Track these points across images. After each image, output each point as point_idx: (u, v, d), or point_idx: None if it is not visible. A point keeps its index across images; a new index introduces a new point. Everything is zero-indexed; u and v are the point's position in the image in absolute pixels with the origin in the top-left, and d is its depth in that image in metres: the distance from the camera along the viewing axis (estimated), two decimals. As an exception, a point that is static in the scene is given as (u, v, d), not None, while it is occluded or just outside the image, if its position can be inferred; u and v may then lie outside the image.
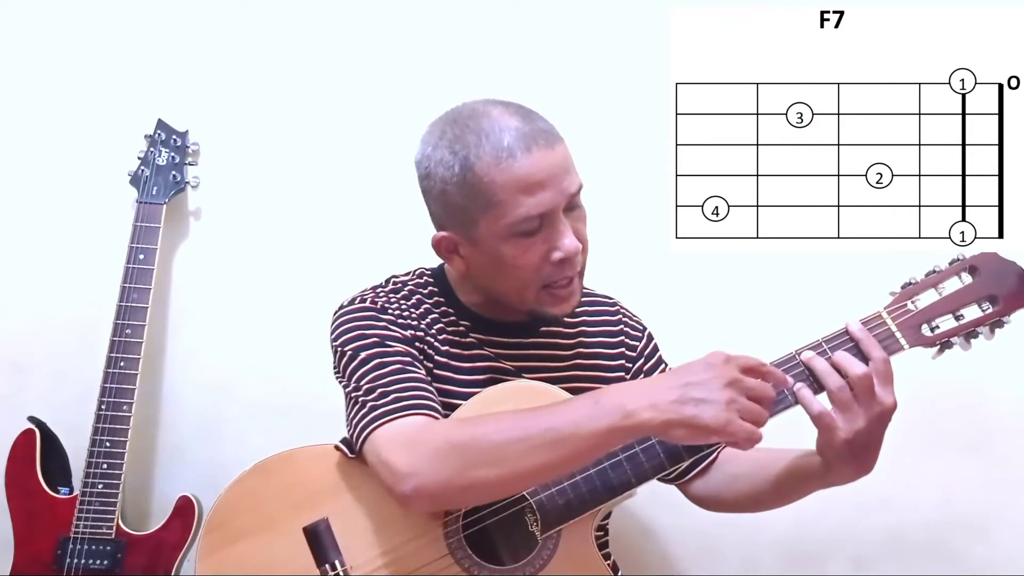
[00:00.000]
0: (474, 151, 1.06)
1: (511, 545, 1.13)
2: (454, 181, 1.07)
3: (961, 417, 1.55)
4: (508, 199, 1.05)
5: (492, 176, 1.05)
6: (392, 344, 1.13)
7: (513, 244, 1.08)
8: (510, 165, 1.04)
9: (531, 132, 1.06)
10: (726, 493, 1.24)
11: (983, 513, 1.56)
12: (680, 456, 1.10)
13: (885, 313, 1.09)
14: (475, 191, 1.06)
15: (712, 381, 0.94)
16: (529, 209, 1.05)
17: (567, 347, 1.24)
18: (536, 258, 1.09)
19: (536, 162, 1.05)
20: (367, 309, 1.16)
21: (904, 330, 1.08)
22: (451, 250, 1.15)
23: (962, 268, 1.09)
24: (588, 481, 1.10)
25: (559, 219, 1.08)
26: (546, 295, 1.12)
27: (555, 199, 1.06)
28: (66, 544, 1.55)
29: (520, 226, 1.07)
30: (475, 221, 1.08)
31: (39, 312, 1.71)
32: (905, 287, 1.10)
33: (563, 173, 1.07)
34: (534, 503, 1.10)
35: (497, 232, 1.08)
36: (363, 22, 1.67)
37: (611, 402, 0.97)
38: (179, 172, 1.64)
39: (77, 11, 1.70)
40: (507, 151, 1.05)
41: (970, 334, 1.08)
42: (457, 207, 1.09)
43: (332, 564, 1.09)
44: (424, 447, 1.01)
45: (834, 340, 1.07)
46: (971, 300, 1.08)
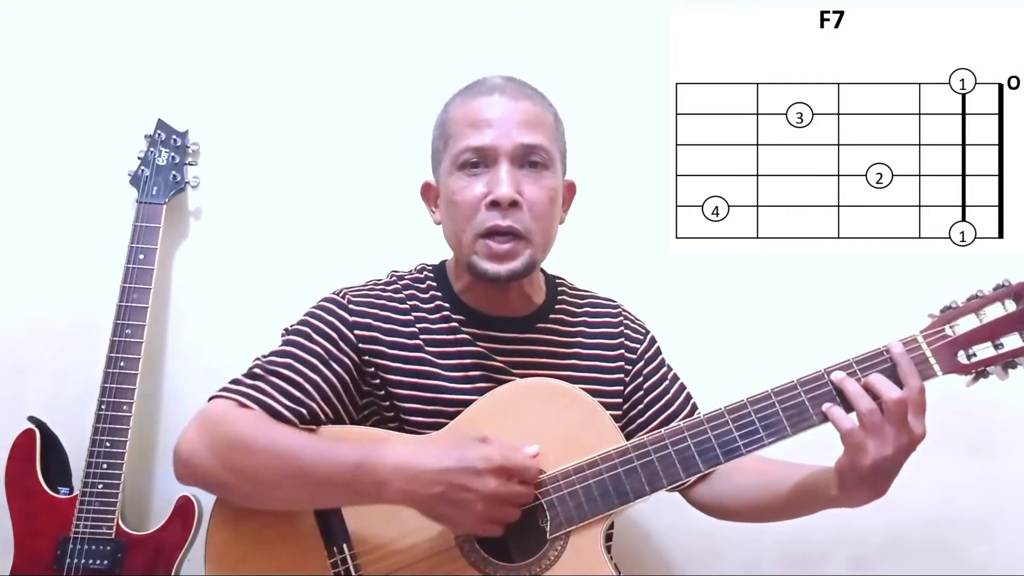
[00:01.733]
0: (455, 97, 1.19)
1: (521, 542, 1.13)
2: (436, 123, 1.20)
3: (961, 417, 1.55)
4: (457, 132, 1.15)
5: (452, 112, 1.17)
6: (315, 338, 1.15)
7: (456, 178, 1.15)
8: (467, 102, 1.16)
9: (501, 85, 1.16)
10: (729, 501, 1.23)
11: (983, 513, 1.56)
12: (696, 466, 1.10)
13: (920, 337, 1.06)
14: (443, 128, 1.18)
15: (474, 493, 1.02)
16: (470, 141, 1.13)
17: (564, 344, 1.24)
18: (473, 197, 1.13)
19: (491, 104, 1.14)
20: (332, 302, 1.20)
21: (939, 356, 1.04)
22: (431, 198, 1.24)
23: (1007, 295, 1.05)
24: (601, 486, 1.10)
25: (501, 166, 1.13)
26: (483, 246, 1.14)
27: (498, 140, 1.12)
28: (66, 544, 1.54)
29: (461, 156, 1.14)
30: (441, 161, 1.18)
31: (39, 312, 1.70)
32: (944, 311, 1.07)
33: (518, 123, 1.13)
34: (545, 503, 1.10)
35: (448, 167, 1.16)
36: (362, 22, 1.67)
37: (371, 477, 1.03)
38: (179, 172, 1.64)
39: (77, 11, 1.70)
40: (471, 93, 1.17)
41: (1008, 364, 1.05)
42: (434, 149, 1.20)
43: (340, 548, 1.09)
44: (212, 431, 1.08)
45: (866, 361, 1.05)
46: (1013, 329, 1.04)
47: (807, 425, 1.06)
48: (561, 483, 1.10)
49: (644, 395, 1.26)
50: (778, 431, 1.08)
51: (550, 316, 1.25)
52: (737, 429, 1.09)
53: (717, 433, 1.09)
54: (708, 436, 1.09)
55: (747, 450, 1.09)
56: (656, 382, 1.27)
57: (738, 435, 1.08)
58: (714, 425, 1.09)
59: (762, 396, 1.09)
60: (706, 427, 1.10)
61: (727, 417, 1.09)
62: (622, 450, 1.10)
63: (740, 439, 1.08)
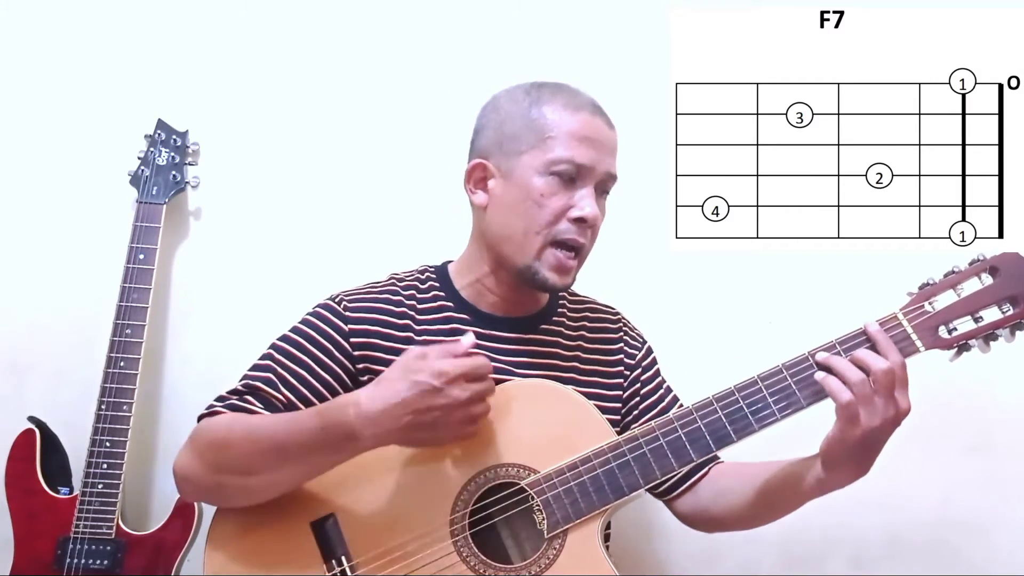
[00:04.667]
0: (548, 96, 1.18)
1: (518, 543, 1.14)
2: (519, 113, 1.17)
3: (961, 417, 1.55)
4: (561, 138, 1.14)
5: (558, 116, 1.15)
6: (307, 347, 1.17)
7: (547, 181, 1.14)
8: (575, 115, 1.16)
9: (599, 108, 1.19)
10: (714, 508, 1.23)
11: (983, 513, 1.56)
12: (688, 455, 1.10)
13: (901, 314, 1.07)
14: (535, 124, 1.16)
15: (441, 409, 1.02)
16: (575, 155, 1.14)
17: (567, 347, 1.24)
18: (558, 205, 1.14)
19: (597, 127, 1.16)
20: (328, 309, 1.20)
21: (920, 332, 1.06)
22: (480, 180, 1.20)
23: (982, 269, 1.06)
24: (595, 481, 1.10)
25: (591, 185, 1.16)
26: (551, 255, 1.15)
27: (597, 162, 1.15)
28: (66, 544, 1.54)
29: (560, 164, 1.14)
30: (521, 152, 1.16)
31: (39, 312, 1.70)
32: (923, 287, 1.08)
33: (611, 151, 1.18)
34: (541, 502, 1.10)
35: (537, 165, 1.14)
36: (362, 22, 1.67)
37: (339, 432, 1.05)
38: (179, 172, 1.64)
39: (77, 11, 1.70)
40: (577, 106, 1.17)
41: (989, 336, 1.06)
42: (511, 135, 1.17)
43: (339, 559, 1.10)
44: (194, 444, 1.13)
45: (848, 341, 1.06)
46: (991, 302, 1.05)
47: (795, 408, 1.07)
48: (555, 481, 1.10)
49: (640, 401, 1.26)
50: (766, 416, 1.09)
51: (552, 318, 1.26)
52: (726, 416, 1.09)
53: (707, 422, 1.10)
54: (698, 425, 1.10)
55: (738, 437, 1.09)
56: (652, 390, 1.28)
57: (727, 422, 1.09)
58: (704, 414, 1.10)
59: (748, 383, 1.10)
60: (695, 416, 1.10)
61: (716, 405, 1.10)
62: (614, 444, 1.11)
63: (729, 426, 1.09)
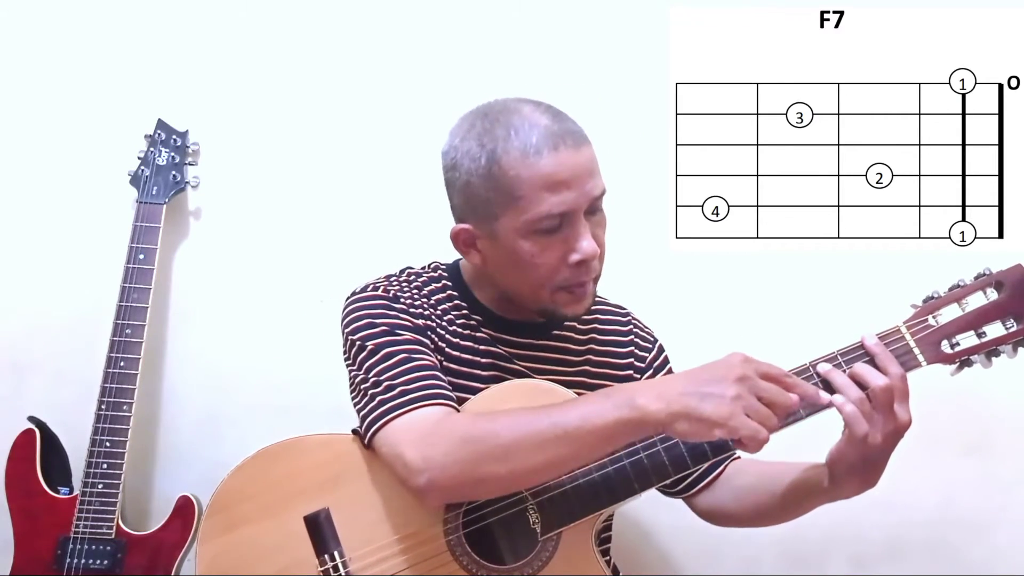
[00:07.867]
0: (502, 145, 1.06)
1: (512, 544, 1.13)
2: (479, 173, 1.08)
3: (961, 417, 1.55)
4: (531, 195, 1.06)
5: (517, 171, 1.05)
6: (401, 333, 1.13)
7: (532, 241, 1.08)
8: (536, 161, 1.05)
9: (560, 131, 1.07)
10: (732, 506, 1.23)
11: (983, 513, 1.57)
12: (685, 463, 1.09)
13: (904, 328, 1.06)
14: (499, 185, 1.07)
15: (723, 378, 0.96)
16: (551, 207, 1.06)
17: (578, 352, 1.24)
18: (554, 258, 1.09)
19: (562, 161, 1.05)
20: (378, 297, 1.17)
21: (923, 346, 1.05)
22: (469, 243, 1.15)
23: (987, 283, 1.05)
24: (591, 484, 1.09)
25: (579, 221, 1.08)
26: (561, 295, 1.13)
27: (577, 200, 1.07)
28: (66, 544, 1.54)
29: (540, 223, 1.07)
30: (496, 215, 1.09)
31: (39, 312, 1.71)
32: (927, 301, 1.07)
33: (587, 176, 1.08)
34: (536, 504, 1.10)
35: (517, 228, 1.08)
36: (363, 22, 1.67)
37: (621, 396, 0.99)
38: (179, 172, 1.64)
39: (77, 11, 1.70)
40: (535, 148, 1.05)
41: (992, 352, 1.05)
42: (480, 200, 1.09)
43: (331, 555, 1.09)
44: (436, 441, 1.03)
45: (850, 354, 1.05)
46: (995, 317, 1.04)
47: (794, 419, 1.05)
48: (551, 483, 1.09)
49: None
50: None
51: (564, 322, 1.25)
52: None
53: None
54: None
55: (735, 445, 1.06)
56: None
57: None
58: None
59: None
60: None
61: None
62: None
63: None
